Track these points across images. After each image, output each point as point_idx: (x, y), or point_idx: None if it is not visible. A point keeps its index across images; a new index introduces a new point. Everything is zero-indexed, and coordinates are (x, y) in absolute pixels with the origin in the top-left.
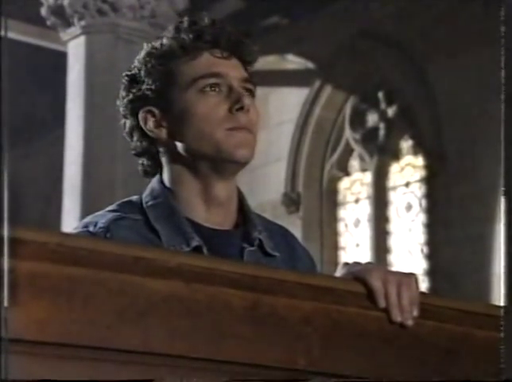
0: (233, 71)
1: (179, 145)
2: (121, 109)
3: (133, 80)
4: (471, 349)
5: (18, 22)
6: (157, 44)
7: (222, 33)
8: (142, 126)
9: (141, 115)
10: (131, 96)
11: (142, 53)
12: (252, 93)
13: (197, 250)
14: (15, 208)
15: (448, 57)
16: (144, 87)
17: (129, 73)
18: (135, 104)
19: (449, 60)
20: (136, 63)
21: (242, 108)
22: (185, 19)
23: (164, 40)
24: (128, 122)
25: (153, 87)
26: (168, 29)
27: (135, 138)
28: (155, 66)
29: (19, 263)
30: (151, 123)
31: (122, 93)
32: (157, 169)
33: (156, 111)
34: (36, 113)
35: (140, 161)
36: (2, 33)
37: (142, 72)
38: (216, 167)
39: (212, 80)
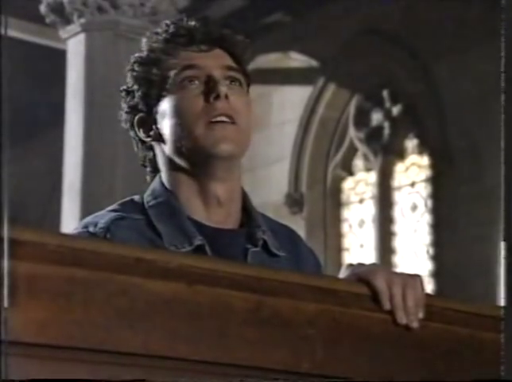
0: (212, 61)
1: (168, 146)
2: (123, 124)
3: (127, 93)
4: (476, 351)
5: (16, 20)
6: (140, 52)
7: (198, 28)
8: (137, 132)
9: (135, 123)
10: (126, 108)
11: (129, 63)
12: (239, 82)
13: (200, 249)
14: (14, 209)
15: (454, 55)
16: (134, 96)
17: (123, 87)
18: (130, 115)
19: (455, 58)
20: (127, 76)
21: (218, 96)
22: (163, 23)
23: (144, 46)
24: (131, 135)
25: (140, 93)
26: (147, 36)
27: (139, 148)
28: (138, 73)
29: (18, 264)
30: (143, 129)
31: (122, 106)
32: (157, 174)
33: (146, 117)
34: (34, 112)
35: (147, 170)
36: (2, 31)
37: (130, 82)
38: (204, 165)
39: (189, 73)
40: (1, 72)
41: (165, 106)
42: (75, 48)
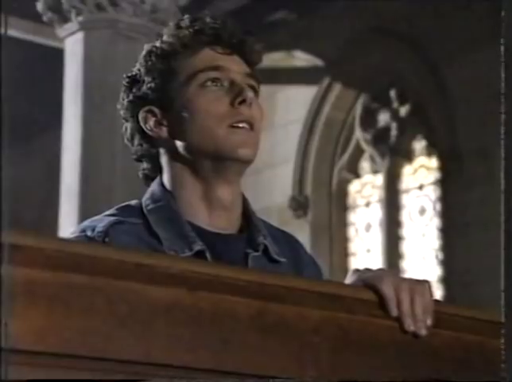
0: (235, 65)
1: (179, 143)
2: (121, 112)
3: (134, 81)
4: (487, 359)
5: (13, 18)
6: (157, 42)
7: (224, 28)
8: (142, 126)
9: (141, 115)
10: (131, 97)
11: (143, 53)
12: (255, 90)
13: (200, 254)
14: (11, 212)
15: (464, 54)
16: (144, 86)
17: (129, 75)
18: (135, 105)
19: (464, 57)
20: (137, 65)
21: (244, 101)
22: (186, 17)
23: (165, 38)
24: (129, 126)
25: (152, 85)
26: (168, 27)
27: (136, 142)
28: (155, 64)
29: (15, 269)
30: (151, 123)
31: (123, 95)
32: (157, 172)
33: (156, 110)
34: (32, 113)
35: (141, 166)
36: (2, 30)
37: (142, 72)
38: (218, 166)
39: (213, 74)
40: (0, 72)
41: (184, 103)
42: (73, 47)
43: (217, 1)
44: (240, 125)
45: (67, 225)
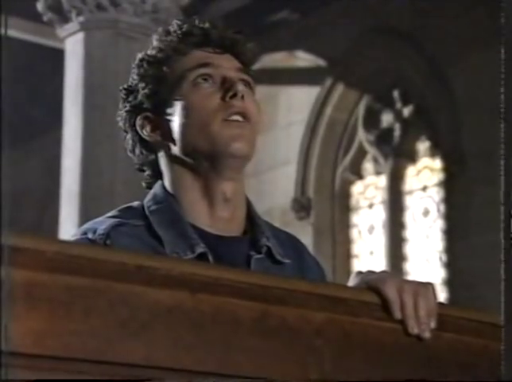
0: (226, 62)
1: (176, 145)
2: (120, 124)
3: (129, 91)
4: (490, 362)
5: (13, 18)
6: (148, 50)
7: (213, 29)
8: (139, 132)
9: (138, 123)
10: (128, 107)
11: (135, 62)
12: (250, 85)
13: (202, 257)
14: (11, 213)
15: (467, 55)
16: (139, 94)
17: (125, 86)
18: (133, 114)
19: (468, 58)
20: (131, 75)
21: (235, 95)
22: (175, 21)
23: (155, 44)
24: (129, 137)
25: (146, 91)
26: (158, 33)
27: (137, 152)
28: (147, 71)
29: (15, 272)
30: (148, 128)
31: (120, 106)
32: (158, 178)
33: (152, 116)
34: (32, 113)
35: (144, 175)
36: (2, 31)
37: (136, 80)
38: (215, 164)
39: (203, 70)
40: (0, 72)
41: (177, 104)
42: (74, 48)
43: (218, 1)
44: (233, 117)
45: (68, 227)
